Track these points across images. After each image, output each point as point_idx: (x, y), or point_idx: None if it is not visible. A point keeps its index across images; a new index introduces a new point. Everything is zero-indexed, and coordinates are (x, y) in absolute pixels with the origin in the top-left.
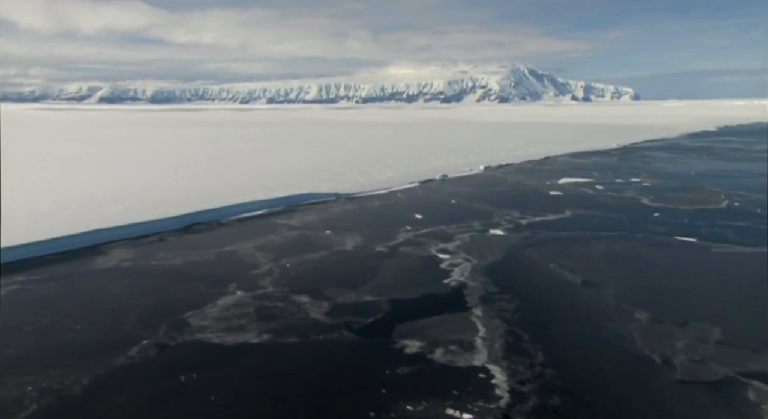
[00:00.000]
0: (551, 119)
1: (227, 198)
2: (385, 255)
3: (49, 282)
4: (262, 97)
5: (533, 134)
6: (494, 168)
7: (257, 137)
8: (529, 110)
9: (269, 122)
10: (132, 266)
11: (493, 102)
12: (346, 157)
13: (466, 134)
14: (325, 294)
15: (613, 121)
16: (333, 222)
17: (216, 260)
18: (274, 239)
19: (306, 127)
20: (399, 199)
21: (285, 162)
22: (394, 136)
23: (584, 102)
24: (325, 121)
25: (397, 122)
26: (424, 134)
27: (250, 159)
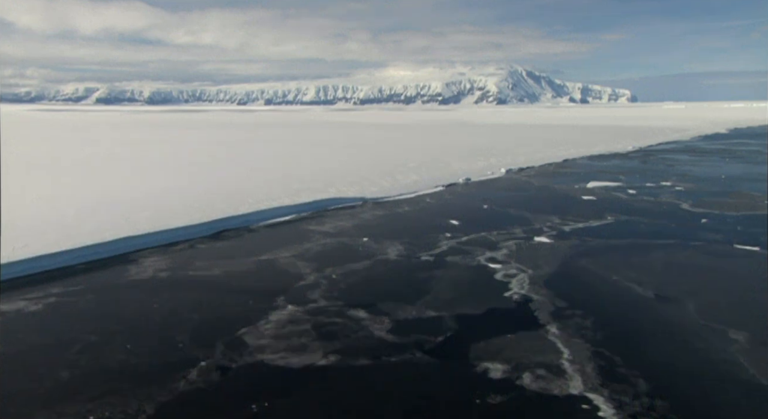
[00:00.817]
0: (557, 122)
1: (254, 203)
2: (432, 265)
3: (87, 295)
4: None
5: (547, 136)
6: (516, 171)
7: (269, 140)
8: (530, 112)
9: (274, 123)
10: (170, 277)
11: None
12: (366, 160)
13: (479, 136)
14: (382, 309)
15: (621, 123)
16: (367, 229)
17: (256, 271)
18: (312, 247)
19: (314, 129)
20: (428, 204)
21: (305, 165)
22: (405, 138)
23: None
24: (331, 122)
25: (403, 124)
26: (435, 137)
27: (268, 162)
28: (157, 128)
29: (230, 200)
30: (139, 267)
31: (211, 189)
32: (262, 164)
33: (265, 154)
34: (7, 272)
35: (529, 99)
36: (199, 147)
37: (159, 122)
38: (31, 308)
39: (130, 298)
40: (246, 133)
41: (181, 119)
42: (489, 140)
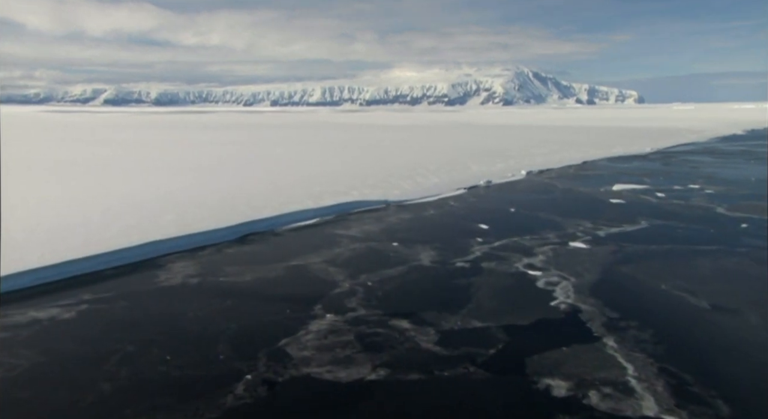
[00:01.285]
0: (568, 123)
1: (278, 207)
2: (469, 272)
3: (118, 301)
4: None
5: (562, 138)
6: (536, 173)
7: (282, 141)
8: (539, 113)
9: (284, 124)
10: (201, 283)
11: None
12: (384, 162)
13: (492, 137)
14: (425, 319)
15: (634, 124)
16: (395, 233)
17: (289, 277)
18: (342, 253)
19: (325, 130)
20: (453, 207)
21: (323, 167)
22: (418, 140)
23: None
24: (340, 123)
25: (413, 125)
26: (448, 138)
27: (285, 164)
28: (170, 129)
29: (253, 202)
30: (168, 273)
31: (232, 192)
32: (279, 166)
33: (281, 155)
34: (36, 278)
35: (536, 100)
36: (214, 149)
37: (170, 123)
38: (64, 315)
39: (163, 305)
40: (258, 134)
41: (190, 120)
42: (503, 142)
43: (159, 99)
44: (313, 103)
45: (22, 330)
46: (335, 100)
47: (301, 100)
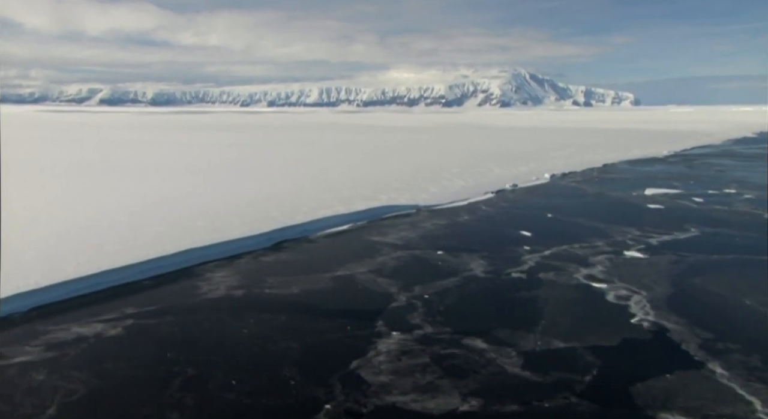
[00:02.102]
0: (573, 125)
1: (309, 212)
2: (529, 284)
3: (165, 316)
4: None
5: (576, 141)
6: (560, 177)
7: (294, 143)
8: (540, 115)
9: (288, 125)
10: (247, 296)
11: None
12: (405, 165)
13: (504, 139)
14: (500, 338)
15: (641, 126)
16: (435, 240)
17: (338, 289)
18: (386, 261)
19: (332, 131)
20: (487, 212)
21: (346, 170)
22: (430, 142)
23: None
24: (344, 124)
25: (419, 127)
26: (461, 140)
27: (305, 167)
28: (176, 129)
29: (283, 208)
30: (209, 284)
31: (260, 197)
32: (299, 169)
33: (297, 158)
34: (73, 289)
35: (533, 102)
36: (227, 151)
37: (173, 123)
38: (110, 332)
39: (213, 321)
40: (265, 135)
41: (192, 120)
42: (518, 144)
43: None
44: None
45: (70, 348)
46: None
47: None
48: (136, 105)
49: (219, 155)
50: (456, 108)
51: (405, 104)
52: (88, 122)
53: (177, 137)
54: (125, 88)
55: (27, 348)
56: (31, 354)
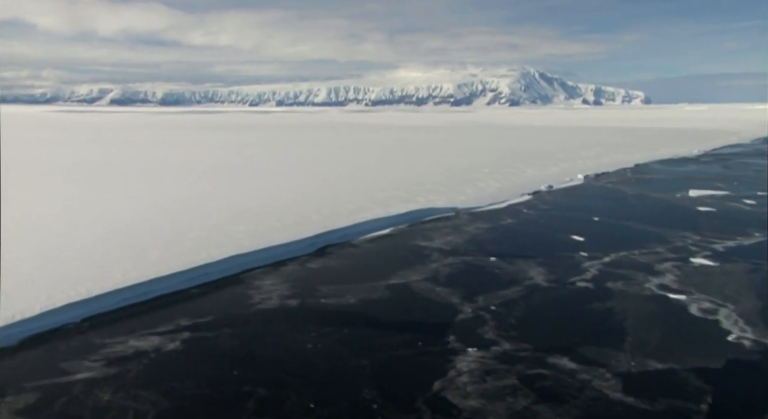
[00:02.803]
0: (591, 123)
1: (349, 215)
2: (597, 294)
3: (221, 329)
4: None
5: (600, 140)
6: (593, 177)
7: (315, 143)
8: (553, 114)
9: (305, 125)
10: (302, 306)
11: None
12: (434, 165)
13: (526, 139)
14: (587, 356)
15: (661, 125)
16: (484, 245)
17: (396, 299)
18: (439, 269)
19: (350, 131)
20: (529, 215)
21: (373, 171)
22: (454, 141)
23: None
24: (361, 124)
25: (435, 126)
26: (483, 140)
27: (334, 168)
28: (191, 130)
29: (322, 210)
30: (260, 293)
31: (297, 199)
32: (327, 170)
33: (321, 158)
34: (122, 298)
35: (542, 101)
36: (249, 151)
37: (187, 123)
38: (168, 346)
39: (273, 334)
40: (282, 136)
41: (205, 120)
42: (540, 144)
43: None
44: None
45: (130, 363)
46: (340, 101)
47: (306, 101)
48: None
49: (243, 155)
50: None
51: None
52: (105, 122)
53: (196, 137)
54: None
55: (87, 362)
56: (93, 369)
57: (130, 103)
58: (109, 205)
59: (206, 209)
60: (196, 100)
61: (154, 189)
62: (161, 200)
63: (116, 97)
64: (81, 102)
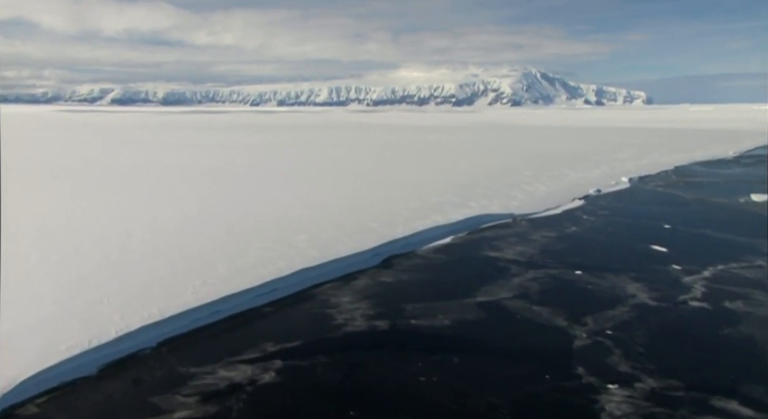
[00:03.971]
0: (608, 124)
1: (406, 222)
2: (722, 317)
3: (316, 356)
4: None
5: (632, 141)
6: (638, 180)
7: (340, 144)
8: (563, 114)
9: (318, 125)
10: (393, 329)
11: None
12: (473, 167)
13: (549, 140)
14: (761, 399)
15: (680, 125)
16: (562, 257)
17: (494, 320)
18: (526, 284)
19: (368, 131)
20: (591, 222)
21: (413, 174)
22: (478, 142)
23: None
24: (374, 124)
25: (451, 126)
26: (507, 140)
27: (369, 169)
28: (206, 130)
29: (378, 217)
30: (341, 312)
31: (347, 205)
32: (364, 172)
33: (352, 160)
34: (195, 318)
35: (544, 101)
36: (277, 152)
37: (198, 123)
38: (264, 377)
39: (376, 363)
40: (302, 136)
41: (214, 120)
42: (568, 145)
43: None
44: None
45: (228, 400)
46: (342, 100)
47: (307, 101)
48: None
49: (273, 157)
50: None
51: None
52: (116, 122)
53: (215, 138)
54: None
55: (179, 397)
56: (189, 406)
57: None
58: (159, 212)
59: (260, 217)
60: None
61: (199, 194)
62: (212, 207)
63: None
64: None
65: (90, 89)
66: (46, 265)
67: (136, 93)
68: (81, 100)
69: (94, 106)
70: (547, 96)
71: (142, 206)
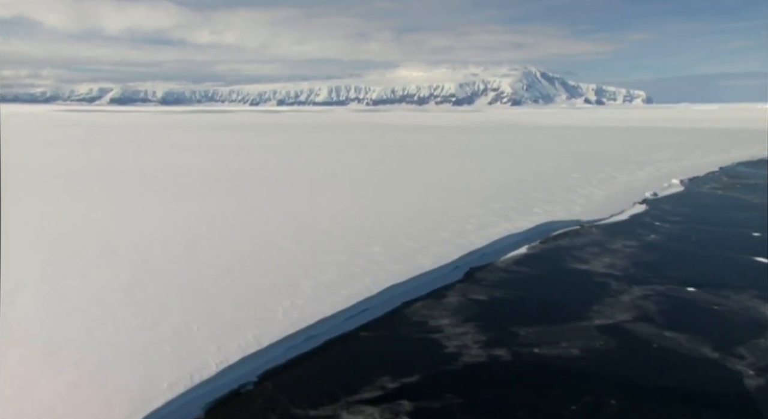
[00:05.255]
0: (627, 123)
1: (475, 230)
2: None
3: (448, 397)
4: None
5: (663, 141)
6: (690, 182)
7: (365, 145)
8: (567, 113)
9: (329, 125)
10: (518, 359)
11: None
12: (517, 170)
13: (579, 139)
14: None
15: (698, 125)
16: (661, 270)
17: (629, 350)
18: (642, 304)
19: (386, 132)
20: (668, 230)
21: (459, 177)
22: (503, 142)
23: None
24: (384, 124)
25: (465, 126)
26: (533, 141)
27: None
28: (220, 130)
29: (448, 226)
30: (447, 338)
31: (409, 212)
32: (410, 176)
33: (388, 162)
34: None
35: (544, 100)
36: (310, 155)
37: (207, 123)
38: None
39: (543, 412)
40: (320, 136)
41: (221, 119)
42: (601, 146)
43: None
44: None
45: None
46: (341, 100)
47: (307, 100)
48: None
49: (304, 158)
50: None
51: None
52: (122, 122)
53: (233, 138)
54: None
55: None
56: None
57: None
58: (214, 219)
59: (321, 224)
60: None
61: (247, 199)
62: (266, 212)
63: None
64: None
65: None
66: (118, 283)
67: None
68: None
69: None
70: (547, 95)
71: (195, 213)
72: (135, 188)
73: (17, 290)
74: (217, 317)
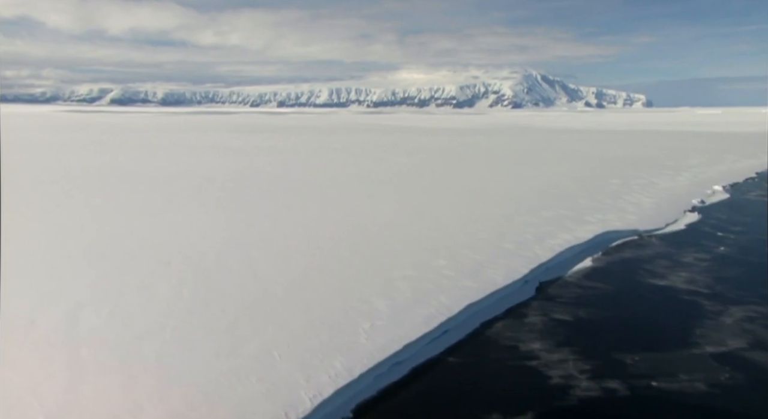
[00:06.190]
0: (636, 126)
1: (536, 241)
2: None
3: None
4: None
5: (687, 145)
6: (732, 189)
7: (385, 148)
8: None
9: (335, 127)
10: (650, 397)
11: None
12: (554, 174)
13: (600, 143)
14: None
15: (709, 129)
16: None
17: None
18: (755, 331)
19: (398, 134)
20: (736, 241)
21: (497, 182)
22: (524, 146)
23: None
24: (391, 126)
25: (474, 128)
26: (554, 144)
27: (448, 178)
28: (229, 132)
29: (507, 236)
30: (547, 366)
31: (462, 222)
32: (444, 180)
33: (422, 167)
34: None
35: (544, 103)
36: (328, 157)
37: (213, 124)
38: None
39: None
40: (332, 138)
41: (228, 121)
42: (626, 150)
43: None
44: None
45: None
46: (342, 102)
47: (308, 102)
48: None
49: (328, 162)
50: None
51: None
52: (126, 123)
53: (247, 140)
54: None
55: None
56: None
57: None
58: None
59: (375, 233)
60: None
61: (286, 205)
62: (311, 220)
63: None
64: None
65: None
66: (182, 302)
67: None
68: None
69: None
70: (547, 98)
71: (238, 220)
72: (168, 192)
73: (80, 310)
74: (296, 341)
